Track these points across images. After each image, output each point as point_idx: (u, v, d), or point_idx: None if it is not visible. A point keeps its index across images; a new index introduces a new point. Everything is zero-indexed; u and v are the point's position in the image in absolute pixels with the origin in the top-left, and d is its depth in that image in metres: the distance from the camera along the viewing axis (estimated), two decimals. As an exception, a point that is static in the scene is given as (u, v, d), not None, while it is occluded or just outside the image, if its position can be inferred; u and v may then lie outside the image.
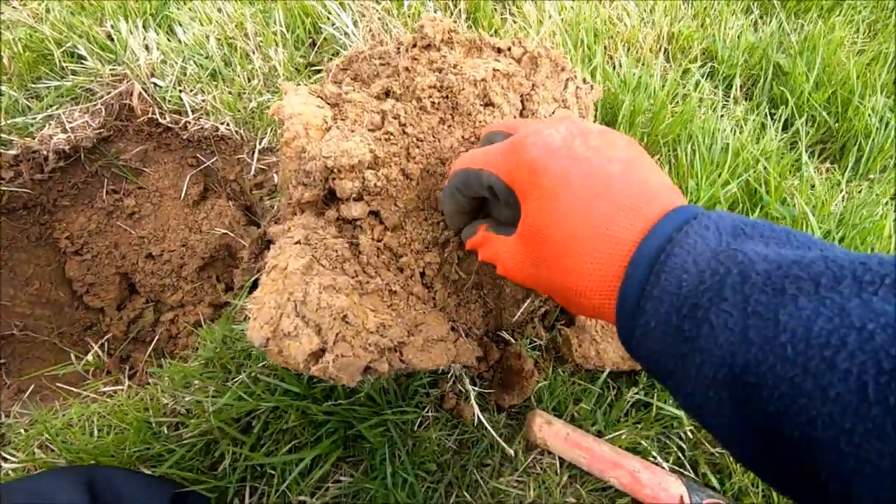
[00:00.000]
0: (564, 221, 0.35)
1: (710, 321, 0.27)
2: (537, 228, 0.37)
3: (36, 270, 1.04)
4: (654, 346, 0.30)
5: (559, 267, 0.36)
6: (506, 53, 0.67)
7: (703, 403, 0.28)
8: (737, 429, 0.26)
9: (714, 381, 0.27)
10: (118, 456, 0.65)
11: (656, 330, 0.30)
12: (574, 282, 0.35)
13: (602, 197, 0.34)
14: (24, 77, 1.00)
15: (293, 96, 0.65)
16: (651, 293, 0.30)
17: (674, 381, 0.30)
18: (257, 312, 0.54)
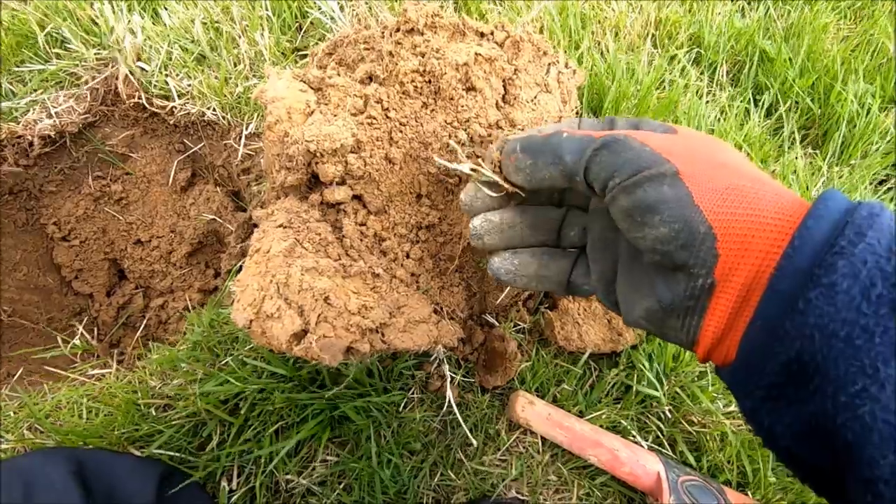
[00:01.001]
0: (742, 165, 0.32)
1: None
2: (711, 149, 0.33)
3: (23, 256, 1.04)
4: (836, 312, 0.25)
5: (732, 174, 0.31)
6: (488, 38, 0.67)
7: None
8: None
9: None
10: (107, 437, 0.66)
11: (847, 293, 0.25)
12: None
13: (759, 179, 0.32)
14: (7, 61, 0.99)
15: (276, 80, 0.65)
16: (846, 251, 0.25)
17: (856, 361, 0.24)
18: (241, 294, 0.55)
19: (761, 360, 0.28)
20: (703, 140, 0.34)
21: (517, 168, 0.38)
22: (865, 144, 0.93)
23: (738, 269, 0.29)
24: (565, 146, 0.35)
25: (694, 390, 0.73)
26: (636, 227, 0.31)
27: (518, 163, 0.38)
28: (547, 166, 0.36)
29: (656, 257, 0.32)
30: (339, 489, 0.67)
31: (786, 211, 0.28)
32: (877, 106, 0.96)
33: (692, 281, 0.30)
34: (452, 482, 0.70)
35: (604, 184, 0.33)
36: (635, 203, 0.31)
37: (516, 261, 0.43)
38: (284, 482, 0.67)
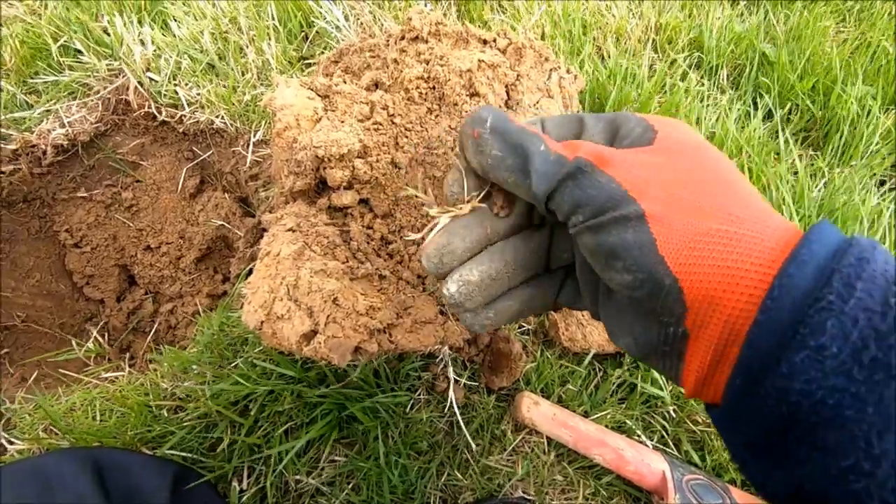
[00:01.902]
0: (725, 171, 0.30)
1: None
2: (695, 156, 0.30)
3: (36, 263, 1.06)
4: (825, 378, 0.22)
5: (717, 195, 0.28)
6: (491, 45, 0.69)
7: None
8: None
9: None
10: (120, 438, 0.67)
11: (836, 357, 0.22)
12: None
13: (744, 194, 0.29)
14: (22, 72, 1.01)
15: (284, 88, 0.67)
16: (834, 307, 0.23)
17: (847, 433, 0.22)
18: (252, 296, 0.56)
19: (745, 416, 0.26)
20: (684, 155, 0.30)
21: (478, 149, 0.32)
22: (866, 146, 0.94)
23: (710, 323, 0.26)
24: (537, 162, 0.30)
25: (698, 390, 0.74)
26: (603, 268, 0.29)
27: (482, 144, 0.32)
28: (512, 171, 0.31)
29: (625, 300, 0.30)
30: (348, 489, 0.68)
31: (765, 257, 0.25)
32: (877, 107, 0.97)
33: (663, 328, 0.28)
34: (459, 482, 0.71)
35: (566, 217, 0.30)
36: (599, 245, 0.28)
37: (491, 313, 0.37)
38: (294, 482, 0.68)
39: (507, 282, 0.36)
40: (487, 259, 0.35)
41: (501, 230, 0.36)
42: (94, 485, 0.53)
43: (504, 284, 0.36)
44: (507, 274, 0.36)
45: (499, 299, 0.37)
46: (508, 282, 0.36)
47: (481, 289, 0.35)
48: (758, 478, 0.27)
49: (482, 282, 0.35)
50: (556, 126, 0.34)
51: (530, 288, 0.38)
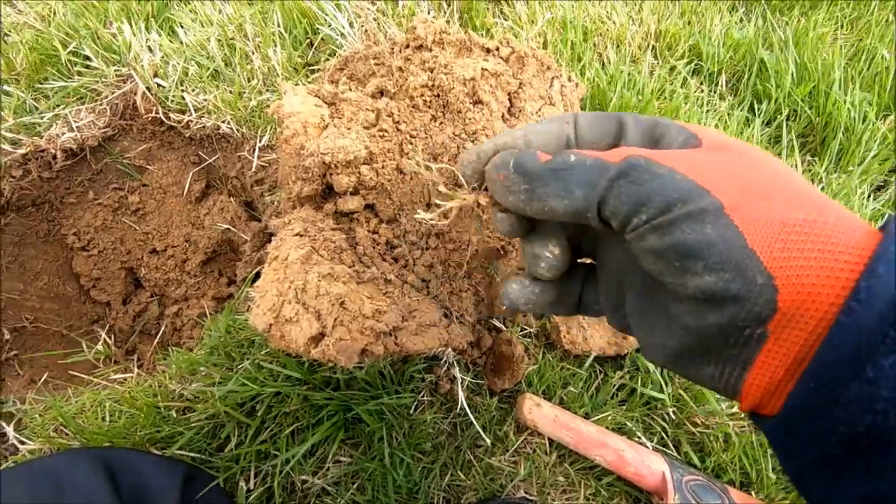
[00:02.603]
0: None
1: None
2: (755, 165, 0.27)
3: (45, 266, 1.07)
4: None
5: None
6: (494, 53, 0.70)
7: None
8: None
9: None
10: (129, 438, 0.69)
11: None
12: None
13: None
14: (31, 78, 1.03)
15: (292, 96, 0.68)
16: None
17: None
18: (260, 300, 0.58)
19: (814, 426, 0.24)
20: (739, 154, 0.27)
21: (507, 189, 0.31)
22: (863, 151, 0.95)
23: (798, 324, 0.23)
24: (575, 177, 0.28)
25: (698, 392, 0.75)
26: (673, 272, 0.26)
27: (510, 184, 0.31)
28: (549, 198, 0.29)
29: (693, 302, 0.26)
30: (353, 489, 0.69)
31: (854, 250, 0.23)
32: (873, 113, 0.98)
33: (737, 332, 0.25)
34: (462, 482, 0.72)
35: (625, 220, 0.27)
36: (672, 245, 0.25)
37: (538, 289, 0.37)
38: (300, 482, 0.69)
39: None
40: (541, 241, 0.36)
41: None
42: (106, 484, 0.55)
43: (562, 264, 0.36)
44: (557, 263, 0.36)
45: (539, 282, 0.37)
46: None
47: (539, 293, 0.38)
48: (816, 493, 0.25)
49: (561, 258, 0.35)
50: (591, 125, 0.32)
51: (563, 282, 0.38)
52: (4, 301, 0.99)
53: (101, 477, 0.55)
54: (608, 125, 0.32)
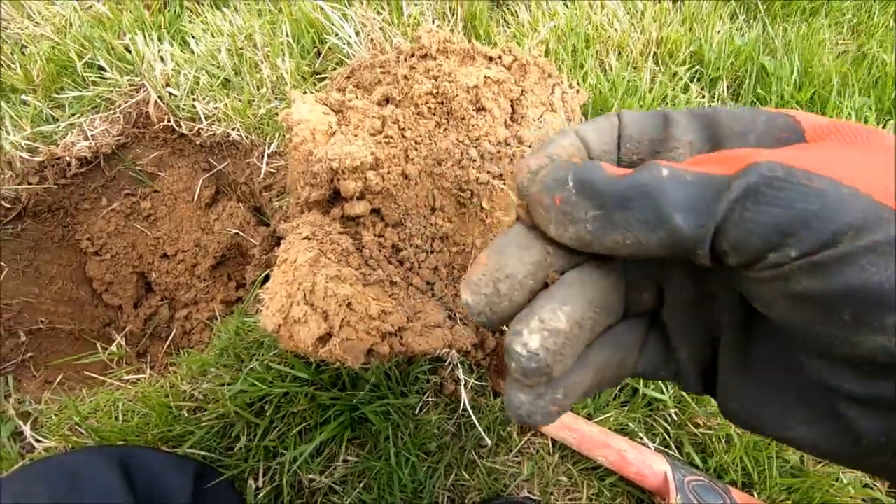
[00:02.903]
0: None
1: None
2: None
3: (59, 270, 1.10)
4: None
5: None
6: (497, 61, 0.72)
7: None
8: None
9: None
10: (142, 437, 0.71)
11: None
12: None
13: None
14: (48, 88, 1.06)
15: (300, 104, 0.70)
16: None
17: None
18: (270, 302, 0.59)
19: None
20: (883, 146, 0.20)
21: (567, 217, 0.22)
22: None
23: None
24: (672, 196, 0.20)
25: (699, 393, 0.76)
26: (838, 326, 0.18)
27: (571, 210, 0.22)
28: (634, 228, 0.20)
29: (865, 371, 0.19)
30: (360, 487, 0.70)
31: None
32: (874, 118, 0.99)
33: None
34: (467, 482, 0.73)
35: (756, 256, 0.19)
36: (844, 290, 0.18)
37: (560, 393, 0.24)
38: (307, 481, 0.71)
39: (592, 328, 0.24)
40: (569, 295, 0.23)
41: (563, 256, 0.24)
42: (121, 481, 0.56)
43: (584, 340, 0.23)
44: (591, 323, 0.23)
45: (568, 373, 0.24)
46: (593, 327, 0.24)
47: (572, 342, 0.22)
48: None
49: (571, 331, 0.22)
50: (634, 121, 0.25)
51: (606, 348, 0.25)
52: (20, 304, 1.02)
53: (117, 474, 0.57)
54: (652, 119, 0.25)
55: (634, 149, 0.25)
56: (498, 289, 0.23)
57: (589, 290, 0.23)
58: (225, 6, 1.18)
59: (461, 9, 1.12)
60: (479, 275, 0.23)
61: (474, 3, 1.11)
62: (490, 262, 0.23)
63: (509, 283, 0.23)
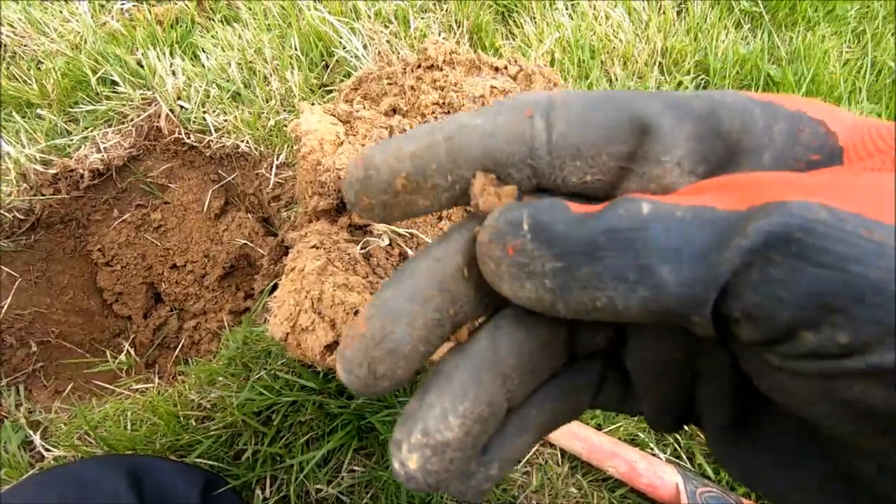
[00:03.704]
0: None
1: None
2: None
3: (70, 280, 1.11)
4: None
5: None
6: (502, 71, 0.73)
7: None
8: None
9: None
10: (150, 446, 0.71)
11: None
12: None
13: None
14: (62, 102, 1.08)
15: (309, 115, 0.71)
16: None
17: None
18: (277, 310, 0.60)
19: None
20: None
21: (521, 269, 0.16)
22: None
23: None
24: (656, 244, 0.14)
25: (710, 403, 0.75)
26: (867, 437, 0.14)
27: (525, 259, 0.16)
28: (605, 287, 0.15)
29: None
30: (367, 498, 0.70)
31: None
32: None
33: None
34: (475, 493, 0.72)
35: (786, 333, 0.13)
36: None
37: (494, 469, 0.20)
38: (314, 491, 0.70)
39: (508, 403, 0.19)
40: (470, 382, 0.17)
41: (477, 298, 0.18)
42: (130, 490, 0.56)
43: (500, 414, 0.19)
44: (509, 395, 0.18)
45: (501, 440, 0.20)
46: (509, 402, 0.19)
47: (467, 446, 0.17)
48: None
49: (468, 434, 0.17)
50: (579, 121, 0.17)
51: (550, 400, 0.20)
52: (32, 315, 1.03)
53: (125, 483, 0.57)
54: (612, 117, 0.17)
55: (587, 167, 0.17)
56: (374, 371, 0.17)
57: (507, 357, 0.18)
58: (235, 21, 1.21)
59: (467, 21, 1.13)
60: (353, 350, 0.17)
61: (480, 16, 1.13)
62: (368, 328, 0.17)
63: (390, 361, 0.17)
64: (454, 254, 0.18)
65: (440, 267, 0.18)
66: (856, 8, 1.22)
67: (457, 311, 0.18)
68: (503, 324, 0.18)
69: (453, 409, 0.17)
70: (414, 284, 0.18)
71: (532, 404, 0.20)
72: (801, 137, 0.16)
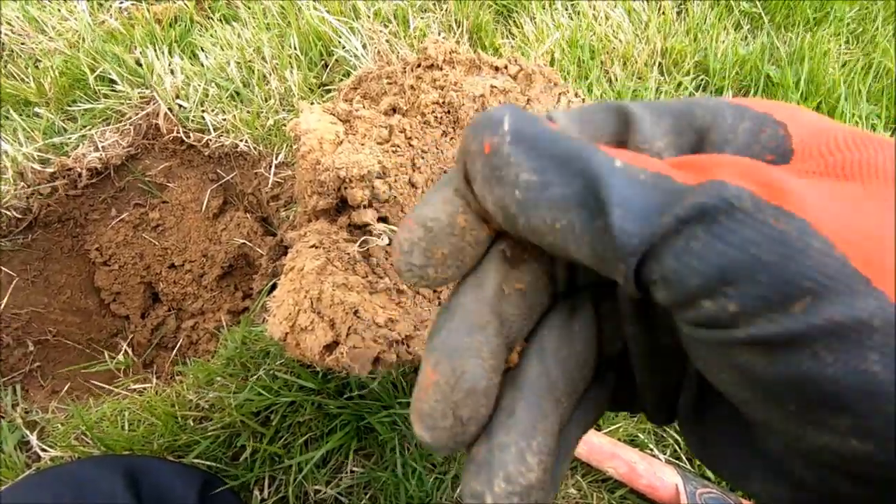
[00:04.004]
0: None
1: None
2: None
3: (68, 280, 1.11)
4: None
5: None
6: (503, 71, 0.73)
7: None
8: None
9: None
10: (148, 447, 0.70)
11: None
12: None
13: None
14: (60, 101, 1.08)
15: (308, 114, 0.71)
16: None
17: None
18: (276, 309, 0.59)
19: None
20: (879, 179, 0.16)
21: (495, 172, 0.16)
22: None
23: None
24: (618, 187, 0.15)
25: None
26: (782, 415, 0.15)
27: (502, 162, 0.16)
28: (563, 209, 0.16)
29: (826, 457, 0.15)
30: (366, 499, 0.70)
31: None
32: (882, 126, 0.99)
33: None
34: (474, 494, 0.72)
35: (690, 298, 0.15)
36: (789, 380, 0.14)
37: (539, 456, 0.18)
38: (313, 492, 0.70)
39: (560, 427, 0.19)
40: (537, 415, 0.17)
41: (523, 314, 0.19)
42: (127, 490, 0.56)
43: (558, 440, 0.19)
44: (562, 419, 0.18)
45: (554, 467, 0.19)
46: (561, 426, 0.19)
47: (547, 484, 0.17)
48: None
49: (546, 472, 0.17)
50: (578, 119, 0.19)
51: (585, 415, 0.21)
52: (29, 314, 1.02)
53: (122, 483, 0.57)
54: (602, 117, 0.19)
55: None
56: (460, 417, 0.16)
57: (563, 362, 0.18)
58: (234, 20, 1.20)
59: (467, 21, 1.13)
60: (430, 402, 0.17)
61: (480, 16, 1.12)
62: (440, 374, 0.17)
63: (472, 402, 0.17)
64: (492, 273, 0.18)
65: (483, 293, 0.18)
66: (855, 10, 1.22)
67: (509, 331, 0.18)
68: (548, 345, 0.19)
69: (528, 447, 0.16)
70: (467, 317, 0.17)
71: (571, 423, 0.20)
72: (761, 137, 0.18)
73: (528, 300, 0.18)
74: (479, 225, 0.18)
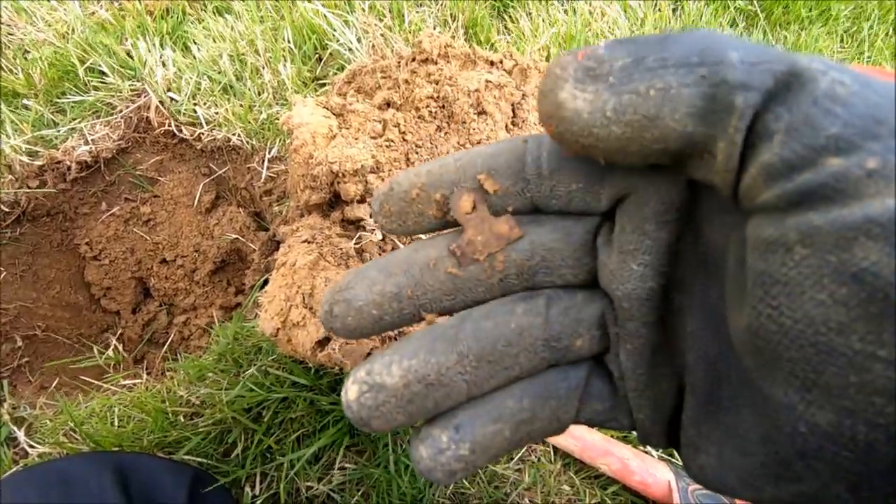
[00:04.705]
0: None
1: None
2: None
3: (57, 275, 1.09)
4: None
5: None
6: (498, 66, 0.72)
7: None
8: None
9: None
10: (138, 443, 0.70)
11: None
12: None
13: None
14: (49, 93, 1.06)
15: (301, 107, 0.70)
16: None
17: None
18: (268, 305, 0.59)
19: None
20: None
21: (586, 72, 0.16)
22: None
23: None
24: (728, 39, 0.15)
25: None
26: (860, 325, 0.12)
27: (594, 63, 0.16)
28: (667, 73, 0.15)
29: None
30: (358, 495, 0.69)
31: None
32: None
33: None
34: (467, 490, 0.72)
35: (811, 153, 0.12)
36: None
37: (465, 448, 0.20)
38: (305, 488, 0.70)
39: (467, 385, 0.20)
40: (423, 346, 0.19)
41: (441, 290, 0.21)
42: (115, 487, 0.55)
43: (454, 389, 0.20)
44: (467, 376, 0.20)
45: (472, 420, 0.20)
46: (469, 385, 0.20)
47: (403, 399, 0.19)
48: None
49: (406, 387, 0.19)
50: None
51: (529, 396, 0.21)
52: (18, 309, 1.01)
53: (111, 479, 0.56)
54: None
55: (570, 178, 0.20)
56: (331, 310, 0.21)
57: (469, 336, 0.20)
58: (227, 12, 1.19)
59: (462, 16, 1.12)
60: (327, 291, 0.22)
61: (475, 10, 1.12)
62: (341, 280, 0.22)
63: (344, 307, 0.21)
64: (429, 248, 0.21)
65: (413, 255, 0.21)
66: (850, 8, 1.22)
67: (417, 294, 0.21)
68: (473, 313, 0.21)
69: (399, 361, 0.19)
70: (386, 262, 0.21)
71: (508, 395, 0.21)
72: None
73: (456, 284, 0.21)
74: (429, 204, 0.21)
